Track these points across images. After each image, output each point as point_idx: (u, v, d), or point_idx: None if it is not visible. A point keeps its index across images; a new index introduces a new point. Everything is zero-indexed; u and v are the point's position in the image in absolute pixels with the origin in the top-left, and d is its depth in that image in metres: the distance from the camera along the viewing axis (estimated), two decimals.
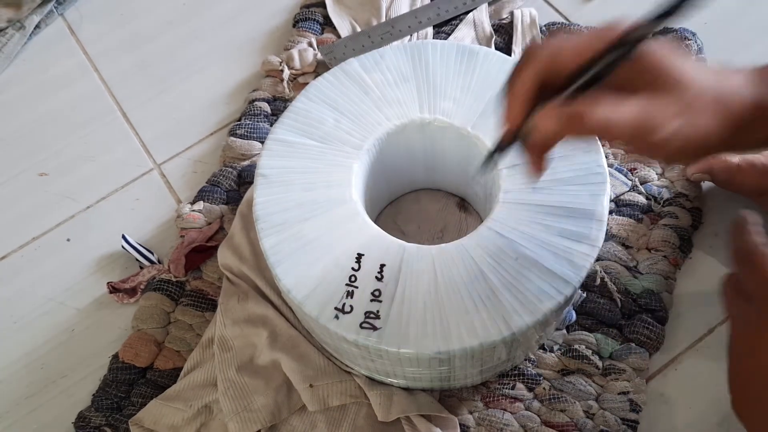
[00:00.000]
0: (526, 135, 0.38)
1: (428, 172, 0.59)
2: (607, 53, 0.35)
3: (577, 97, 0.36)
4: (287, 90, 0.69)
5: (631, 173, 0.60)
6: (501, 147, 0.42)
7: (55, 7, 0.77)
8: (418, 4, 0.72)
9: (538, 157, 0.39)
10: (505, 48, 0.69)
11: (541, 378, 0.53)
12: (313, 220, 0.48)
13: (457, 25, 0.71)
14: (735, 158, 0.56)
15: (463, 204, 0.60)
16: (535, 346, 0.53)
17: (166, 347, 0.57)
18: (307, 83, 0.58)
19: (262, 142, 0.65)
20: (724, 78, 0.37)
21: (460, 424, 0.51)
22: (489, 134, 0.51)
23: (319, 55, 0.70)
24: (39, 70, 0.74)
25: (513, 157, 0.49)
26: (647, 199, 0.59)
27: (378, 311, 0.45)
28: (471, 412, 0.52)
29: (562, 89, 0.36)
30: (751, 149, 0.40)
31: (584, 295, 0.55)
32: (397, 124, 0.52)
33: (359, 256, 0.47)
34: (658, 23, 0.33)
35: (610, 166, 0.60)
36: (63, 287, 0.61)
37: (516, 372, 0.53)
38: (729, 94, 0.36)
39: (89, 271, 0.62)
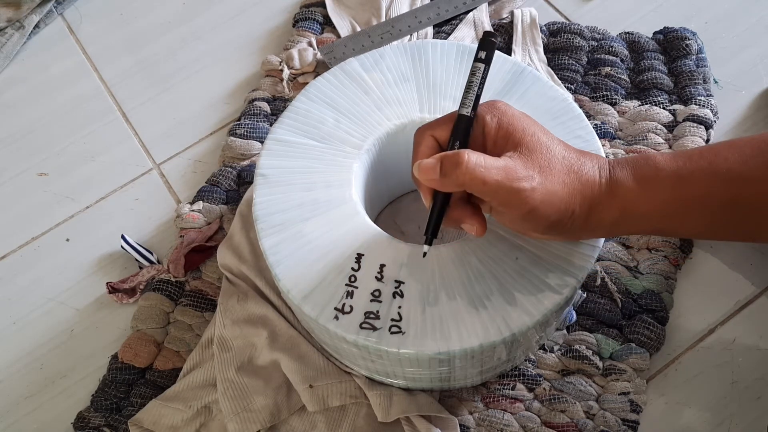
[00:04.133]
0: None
1: None
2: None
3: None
4: (287, 90, 0.68)
5: None
6: (432, 218, 0.43)
7: (54, 7, 0.77)
8: (418, 4, 0.72)
9: (471, 218, 0.42)
10: (505, 48, 0.69)
11: (542, 378, 0.53)
12: (313, 220, 0.48)
13: (457, 25, 0.71)
14: None
15: None
16: (535, 346, 0.53)
17: (165, 347, 0.57)
18: (307, 83, 0.58)
19: (262, 142, 0.65)
20: (578, 154, 0.42)
21: (460, 425, 0.51)
22: None
23: (318, 55, 0.70)
24: (38, 70, 0.74)
25: None
26: None
27: (378, 311, 0.45)
28: (471, 413, 0.52)
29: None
30: (597, 232, 0.44)
31: (584, 295, 0.55)
32: (397, 124, 0.52)
33: (359, 256, 0.47)
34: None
35: None
36: (62, 287, 0.61)
37: (516, 372, 0.53)
38: (580, 168, 0.41)
39: (89, 271, 0.62)
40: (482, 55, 0.41)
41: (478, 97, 0.41)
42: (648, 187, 0.40)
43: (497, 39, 0.42)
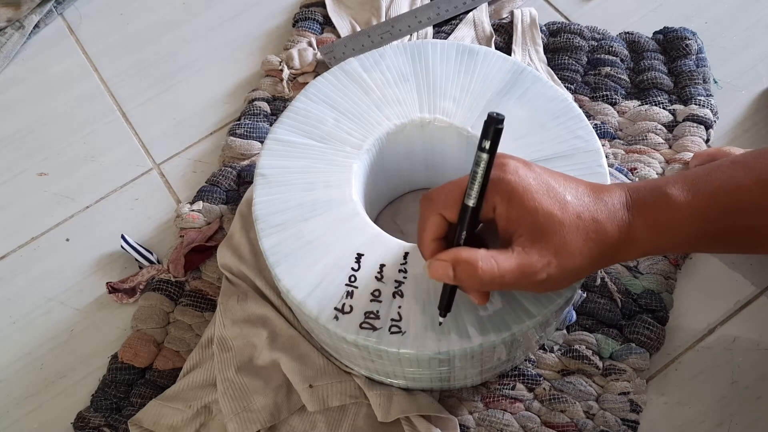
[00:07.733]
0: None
1: (428, 172, 0.59)
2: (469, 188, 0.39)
3: (469, 237, 0.41)
4: (287, 90, 0.68)
5: (632, 173, 0.60)
6: (445, 295, 0.43)
7: (54, 7, 0.77)
8: (418, 4, 0.72)
9: (475, 293, 0.42)
10: (505, 48, 0.69)
11: (542, 378, 0.53)
12: (313, 220, 0.48)
13: (457, 25, 0.71)
14: (738, 151, 0.56)
15: None
16: (535, 346, 0.53)
17: (165, 347, 0.57)
18: (307, 83, 0.58)
19: (262, 142, 0.65)
20: (594, 211, 0.40)
21: (460, 425, 0.51)
22: None
23: (318, 55, 0.70)
24: (38, 70, 0.74)
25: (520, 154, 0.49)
26: None
27: (378, 311, 0.45)
28: (471, 413, 0.52)
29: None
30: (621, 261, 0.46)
31: (584, 295, 0.55)
32: (397, 124, 0.52)
33: (359, 256, 0.47)
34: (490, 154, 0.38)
35: (610, 166, 0.60)
36: (62, 287, 0.61)
37: (516, 372, 0.53)
38: (597, 231, 0.40)
39: (88, 271, 0.62)
40: (486, 145, 0.38)
41: (482, 186, 0.39)
42: (669, 232, 0.40)
43: (503, 125, 0.38)
